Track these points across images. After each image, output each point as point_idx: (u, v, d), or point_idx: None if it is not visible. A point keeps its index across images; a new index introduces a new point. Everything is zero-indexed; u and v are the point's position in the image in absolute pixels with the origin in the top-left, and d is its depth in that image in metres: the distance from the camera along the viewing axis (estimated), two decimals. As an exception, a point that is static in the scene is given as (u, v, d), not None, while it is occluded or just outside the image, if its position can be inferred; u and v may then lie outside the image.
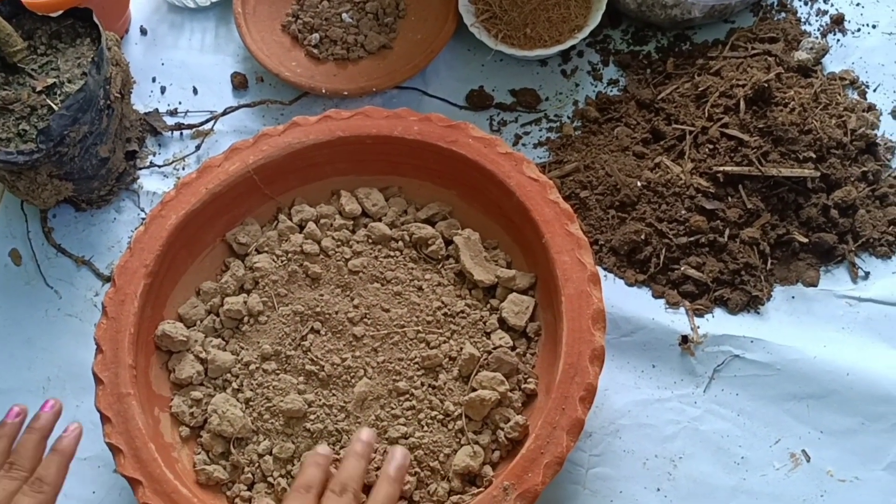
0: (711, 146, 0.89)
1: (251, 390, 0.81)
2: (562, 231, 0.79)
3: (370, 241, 0.87)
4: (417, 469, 0.76)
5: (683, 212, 0.87)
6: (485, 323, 0.82)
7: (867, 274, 0.87)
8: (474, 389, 0.77)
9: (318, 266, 0.86)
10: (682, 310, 0.86)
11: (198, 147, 1.02)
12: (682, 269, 0.86)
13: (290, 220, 0.89)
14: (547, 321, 0.82)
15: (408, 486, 0.75)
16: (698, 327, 0.84)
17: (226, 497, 0.78)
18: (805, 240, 0.86)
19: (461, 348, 0.80)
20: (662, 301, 0.87)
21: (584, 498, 0.80)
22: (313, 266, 0.86)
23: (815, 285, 0.86)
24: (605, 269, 0.89)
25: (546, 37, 0.99)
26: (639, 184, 0.90)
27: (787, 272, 0.87)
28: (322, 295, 0.84)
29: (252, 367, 0.82)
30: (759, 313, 0.85)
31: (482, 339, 0.81)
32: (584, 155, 0.94)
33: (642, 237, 0.87)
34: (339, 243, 0.87)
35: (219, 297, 0.86)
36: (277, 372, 0.82)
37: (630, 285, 0.88)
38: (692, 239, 0.87)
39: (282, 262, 0.86)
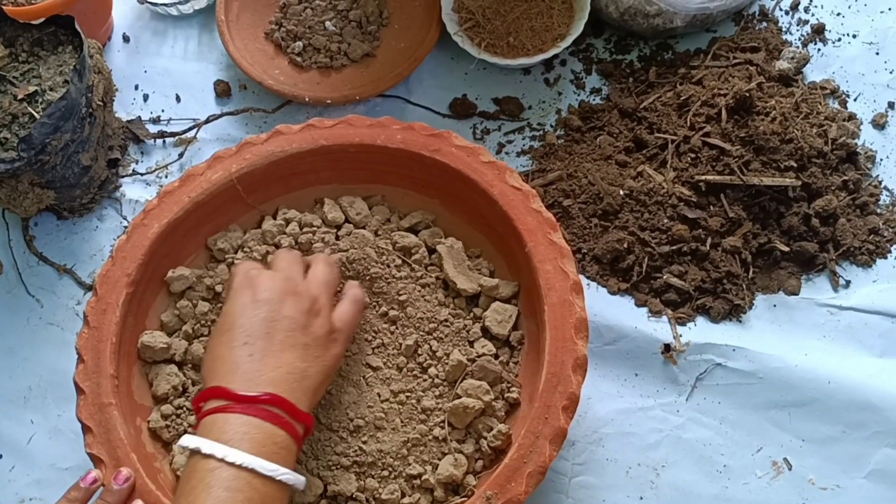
0: (693, 155, 0.90)
1: None
2: (545, 240, 0.79)
3: (354, 245, 0.86)
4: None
5: (666, 220, 0.88)
6: (468, 332, 0.82)
7: (848, 283, 0.87)
8: (458, 396, 0.77)
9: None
10: (664, 318, 0.86)
11: (180, 155, 1.02)
12: (665, 277, 0.87)
13: (275, 219, 0.89)
14: (530, 330, 0.82)
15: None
16: (681, 336, 0.85)
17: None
18: (786, 248, 0.87)
19: (447, 354, 0.80)
20: (645, 310, 0.87)
21: (567, 507, 0.80)
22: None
23: (797, 293, 0.87)
24: (588, 277, 0.89)
25: (529, 45, 0.99)
26: (621, 192, 0.90)
27: (769, 280, 0.87)
28: None
29: None
30: (741, 322, 0.86)
31: (466, 348, 0.81)
32: (567, 164, 0.94)
33: (625, 246, 0.88)
34: (321, 242, 0.86)
35: (195, 301, 0.86)
36: None
37: (613, 294, 0.88)
38: (674, 248, 0.87)
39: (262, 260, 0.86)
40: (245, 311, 0.72)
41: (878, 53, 0.99)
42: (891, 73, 0.98)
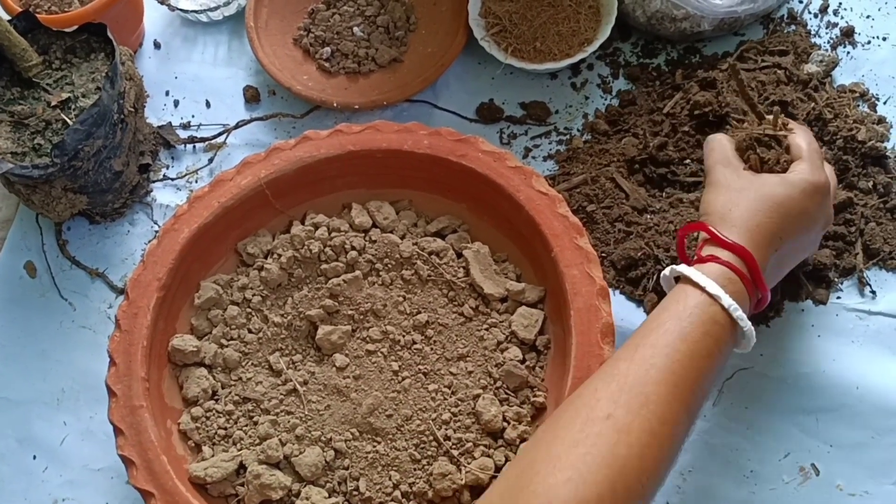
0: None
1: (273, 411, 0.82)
2: (571, 245, 0.79)
3: (388, 268, 0.87)
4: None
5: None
6: (494, 336, 0.83)
7: (878, 288, 0.86)
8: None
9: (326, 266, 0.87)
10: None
11: (210, 160, 1.03)
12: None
13: (303, 224, 0.90)
14: (556, 334, 0.82)
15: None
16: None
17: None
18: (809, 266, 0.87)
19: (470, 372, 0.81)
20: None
21: (593, 511, 0.80)
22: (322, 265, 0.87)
23: (825, 303, 0.86)
24: (609, 283, 0.89)
25: (556, 50, 1.00)
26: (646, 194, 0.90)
27: (797, 288, 0.87)
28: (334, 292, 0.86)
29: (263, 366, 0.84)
30: (768, 326, 0.85)
31: (493, 354, 0.82)
32: (590, 167, 0.94)
33: (639, 255, 0.87)
34: (352, 248, 0.87)
35: (225, 306, 0.87)
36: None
37: (630, 299, 0.88)
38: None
39: (288, 265, 0.87)
40: (799, 213, 0.72)
41: (907, 56, 0.98)
42: (921, 76, 0.97)
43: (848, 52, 0.99)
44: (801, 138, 0.76)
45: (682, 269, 0.69)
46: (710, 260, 0.69)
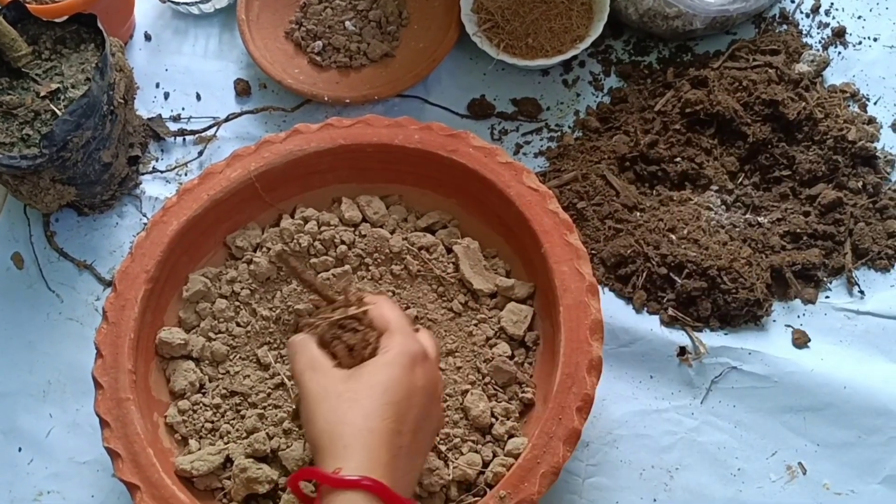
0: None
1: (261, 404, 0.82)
2: (561, 241, 0.79)
3: (377, 261, 0.87)
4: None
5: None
6: (483, 332, 0.82)
7: (866, 288, 0.87)
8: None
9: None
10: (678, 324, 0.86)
11: (200, 153, 1.03)
12: (679, 284, 0.86)
13: (293, 218, 0.89)
14: (545, 331, 0.82)
15: None
16: (704, 342, 0.84)
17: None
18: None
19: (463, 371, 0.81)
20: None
21: (580, 507, 0.80)
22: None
23: (814, 302, 0.86)
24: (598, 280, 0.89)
25: (548, 47, 0.99)
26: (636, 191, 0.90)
27: (786, 288, 0.87)
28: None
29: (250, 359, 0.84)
30: (757, 325, 0.85)
31: (482, 350, 0.81)
32: (581, 164, 0.94)
33: (629, 253, 0.87)
34: (342, 243, 0.87)
35: (213, 299, 0.87)
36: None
37: (619, 296, 0.88)
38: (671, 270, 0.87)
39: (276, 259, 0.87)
40: (406, 395, 0.64)
41: (898, 57, 0.99)
42: (912, 77, 0.97)
43: (839, 53, 0.99)
44: (382, 308, 0.69)
45: None
46: None
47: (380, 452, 0.61)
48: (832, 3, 1.03)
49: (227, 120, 1.04)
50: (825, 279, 0.87)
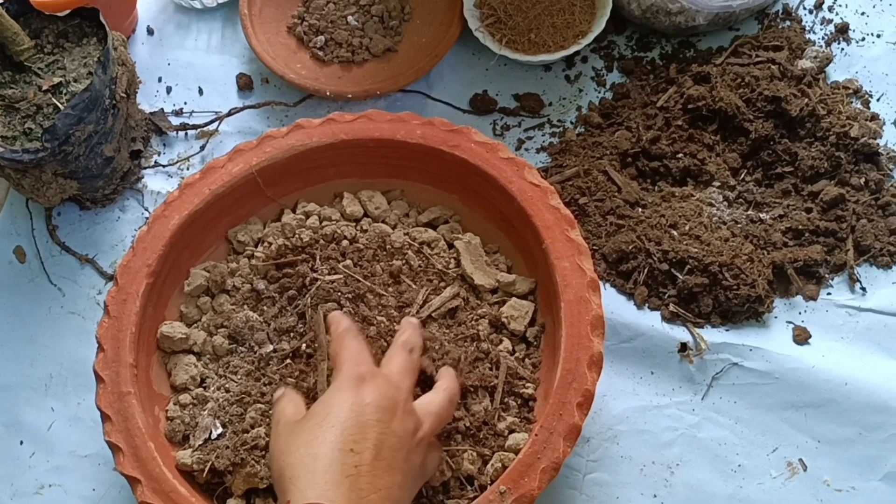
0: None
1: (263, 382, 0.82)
2: (562, 237, 0.79)
3: (376, 256, 0.87)
4: None
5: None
6: (484, 327, 0.82)
7: (868, 284, 0.86)
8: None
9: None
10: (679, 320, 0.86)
11: (202, 147, 1.03)
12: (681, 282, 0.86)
13: (294, 212, 0.89)
14: (546, 326, 0.82)
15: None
16: (705, 339, 0.84)
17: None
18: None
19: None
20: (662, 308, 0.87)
21: (580, 503, 0.80)
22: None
23: (815, 299, 0.86)
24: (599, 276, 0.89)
25: (550, 42, 0.99)
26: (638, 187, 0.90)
27: (788, 284, 0.87)
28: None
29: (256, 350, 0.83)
30: (758, 322, 0.85)
31: (483, 345, 0.81)
32: (583, 159, 0.94)
33: (630, 248, 0.87)
34: (344, 238, 0.87)
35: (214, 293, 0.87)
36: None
37: (620, 292, 0.88)
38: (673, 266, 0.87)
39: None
40: (353, 413, 0.65)
41: (902, 54, 0.98)
42: (915, 73, 0.97)
43: (842, 49, 0.99)
44: (336, 345, 0.72)
45: None
46: None
47: (329, 475, 0.61)
48: (835, 0, 1.03)
49: (229, 114, 1.04)
50: (827, 276, 0.87)
